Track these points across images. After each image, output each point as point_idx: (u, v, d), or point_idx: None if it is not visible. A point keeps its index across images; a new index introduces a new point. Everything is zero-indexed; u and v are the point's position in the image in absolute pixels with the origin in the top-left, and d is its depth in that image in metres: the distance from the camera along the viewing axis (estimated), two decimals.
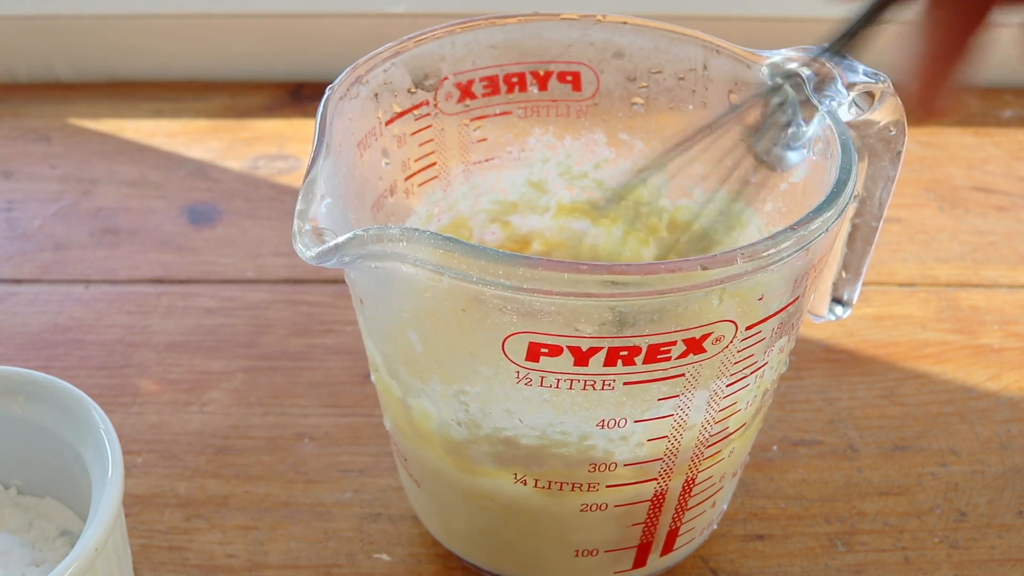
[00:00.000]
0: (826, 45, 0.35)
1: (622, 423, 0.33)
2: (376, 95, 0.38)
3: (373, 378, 0.39)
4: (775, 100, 0.37)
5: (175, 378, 0.52)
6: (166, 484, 0.46)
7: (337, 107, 0.36)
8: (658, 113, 0.42)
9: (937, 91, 0.30)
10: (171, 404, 0.50)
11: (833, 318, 0.43)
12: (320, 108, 0.35)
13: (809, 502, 0.46)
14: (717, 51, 0.39)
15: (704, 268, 0.29)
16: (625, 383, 0.31)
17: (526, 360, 0.31)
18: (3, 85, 0.76)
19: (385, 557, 0.43)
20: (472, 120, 0.42)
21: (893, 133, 0.37)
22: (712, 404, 0.34)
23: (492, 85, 0.42)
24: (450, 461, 0.37)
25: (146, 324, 0.55)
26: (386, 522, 0.45)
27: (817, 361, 0.53)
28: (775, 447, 0.48)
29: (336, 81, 0.37)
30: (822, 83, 0.35)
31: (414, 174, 0.42)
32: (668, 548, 0.40)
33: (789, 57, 0.37)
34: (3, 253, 0.60)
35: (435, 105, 0.41)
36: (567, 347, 0.30)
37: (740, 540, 0.44)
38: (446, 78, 0.41)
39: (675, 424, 0.34)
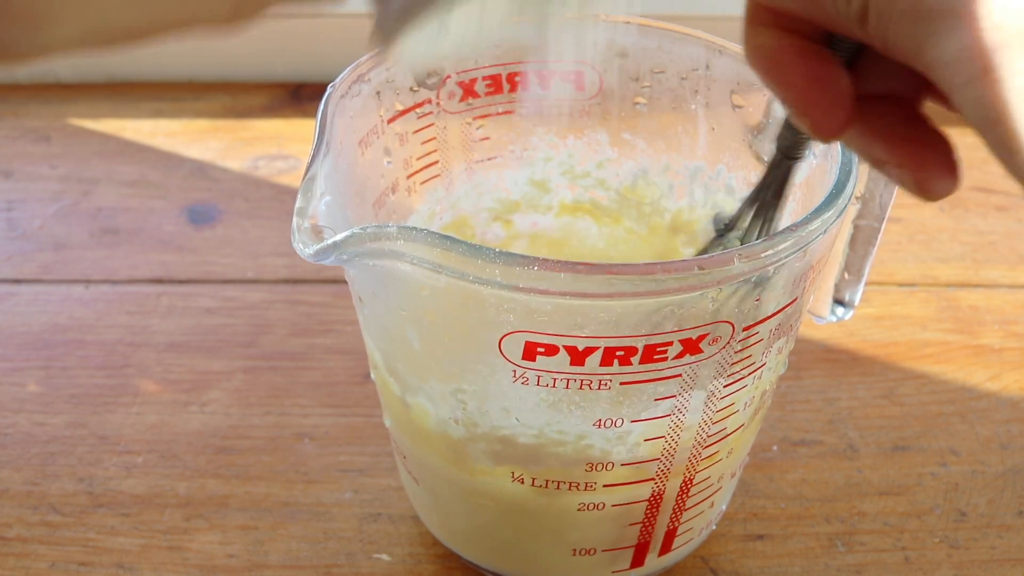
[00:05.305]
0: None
1: (619, 423, 0.33)
2: (378, 93, 0.38)
3: (373, 376, 0.39)
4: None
5: (175, 378, 0.52)
6: (166, 484, 0.46)
7: (338, 105, 0.36)
8: (661, 113, 0.42)
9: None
10: (171, 404, 0.50)
11: (835, 319, 0.43)
12: (321, 106, 0.35)
13: (809, 502, 0.46)
14: (720, 51, 0.39)
15: (701, 269, 0.28)
16: (622, 383, 0.31)
17: (522, 359, 0.31)
18: (3, 85, 0.76)
19: (385, 557, 0.43)
20: (475, 119, 0.42)
21: None
22: (709, 405, 0.34)
23: (495, 84, 0.42)
24: (448, 459, 0.37)
25: (146, 324, 0.55)
26: (386, 522, 0.45)
27: (817, 361, 0.53)
28: (775, 447, 0.48)
29: (338, 79, 0.36)
30: None
31: (416, 172, 0.42)
32: (666, 548, 0.40)
33: None
34: (3, 253, 0.60)
35: (437, 104, 0.41)
36: (563, 346, 0.30)
37: (740, 540, 0.44)
38: (448, 77, 0.41)
39: (672, 424, 0.34)
